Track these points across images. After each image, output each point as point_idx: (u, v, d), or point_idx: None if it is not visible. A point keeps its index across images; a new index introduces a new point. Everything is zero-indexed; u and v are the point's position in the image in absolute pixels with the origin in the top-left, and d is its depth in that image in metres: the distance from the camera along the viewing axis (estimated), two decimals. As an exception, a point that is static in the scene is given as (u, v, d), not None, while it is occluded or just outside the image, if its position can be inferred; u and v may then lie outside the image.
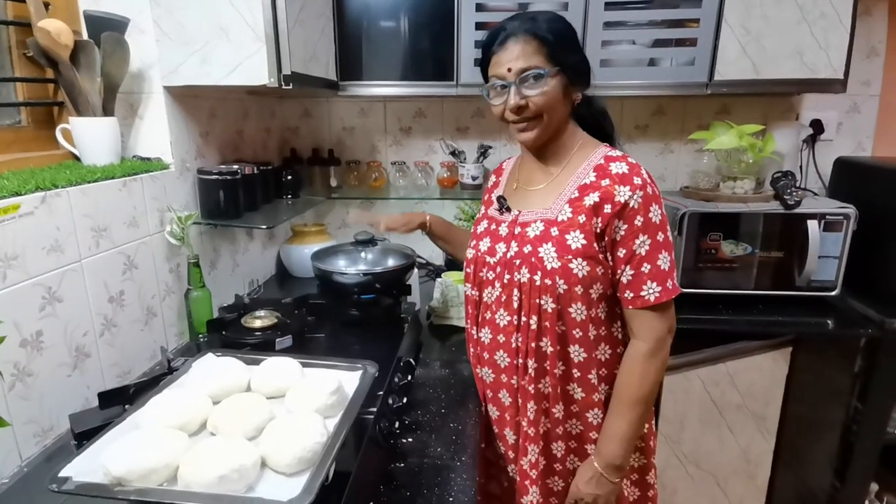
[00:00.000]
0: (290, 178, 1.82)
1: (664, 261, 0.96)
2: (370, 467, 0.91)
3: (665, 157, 2.04)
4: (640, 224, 0.95)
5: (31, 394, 0.91)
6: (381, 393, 1.03)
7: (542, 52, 0.94)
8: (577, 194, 0.99)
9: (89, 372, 1.04)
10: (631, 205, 0.94)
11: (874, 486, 1.74)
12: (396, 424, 1.01)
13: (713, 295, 1.66)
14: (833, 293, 1.62)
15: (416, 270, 1.56)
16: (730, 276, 1.65)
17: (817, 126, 1.95)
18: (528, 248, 1.00)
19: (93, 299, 1.05)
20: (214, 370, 0.90)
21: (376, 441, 0.97)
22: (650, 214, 0.95)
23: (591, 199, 0.96)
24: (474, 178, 1.95)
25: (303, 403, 0.82)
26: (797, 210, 1.58)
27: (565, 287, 0.96)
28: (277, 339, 1.21)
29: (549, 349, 1.00)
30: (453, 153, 1.97)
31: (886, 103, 1.96)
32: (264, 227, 1.51)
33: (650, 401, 1.02)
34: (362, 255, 1.53)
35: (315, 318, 1.40)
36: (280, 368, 0.92)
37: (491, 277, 1.06)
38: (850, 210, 1.57)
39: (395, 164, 2.05)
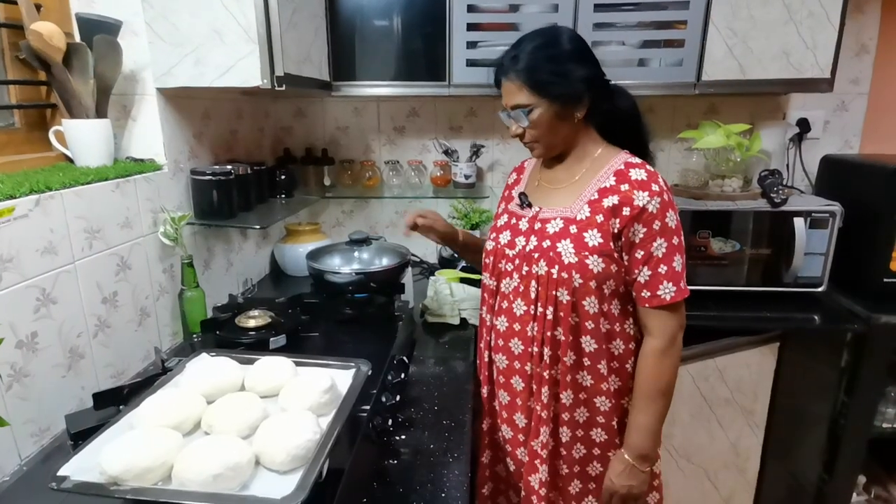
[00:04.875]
0: (283, 177, 1.82)
1: (678, 263, 1.03)
2: (363, 464, 0.93)
3: (655, 155, 2.05)
4: (657, 228, 1.01)
5: (29, 394, 0.93)
6: (375, 391, 1.05)
7: (525, 90, 1.02)
8: (596, 196, 1.05)
9: (83, 372, 1.05)
10: (649, 209, 1.00)
11: (861, 479, 1.77)
12: (390, 422, 1.02)
13: (702, 291, 1.67)
14: (819, 289, 1.65)
15: (409, 269, 1.57)
16: (718, 273, 1.67)
17: (804, 125, 1.98)
18: (546, 243, 1.06)
19: (86, 300, 1.06)
20: (208, 370, 0.92)
21: (370, 438, 0.99)
22: (667, 219, 1.01)
23: (610, 201, 1.02)
24: (467, 177, 1.96)
25: (296, 402, 0.84)
26: (784, 208, 1.60)
27: (580, 281, 1.03)
28: (271, 339, 1.22)
29: (562, 338, 1.06)
30: (446, 152, 1.99)
31: (875, 101, 1.97)
32: (258, 227, 1.52)
33: (669, 393, 1.07)
34: (356, 254, 1.54)
35: (309, 316, 1.41)
36: (273, 367, 0.93)
37: (509, 269, 1.12)
38: (836, 207, 1.59)
39: (388, 163, 2.06)
